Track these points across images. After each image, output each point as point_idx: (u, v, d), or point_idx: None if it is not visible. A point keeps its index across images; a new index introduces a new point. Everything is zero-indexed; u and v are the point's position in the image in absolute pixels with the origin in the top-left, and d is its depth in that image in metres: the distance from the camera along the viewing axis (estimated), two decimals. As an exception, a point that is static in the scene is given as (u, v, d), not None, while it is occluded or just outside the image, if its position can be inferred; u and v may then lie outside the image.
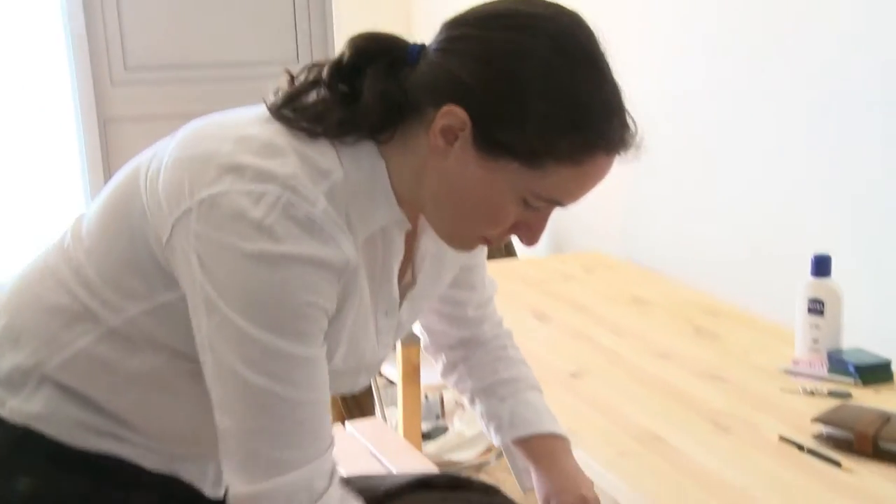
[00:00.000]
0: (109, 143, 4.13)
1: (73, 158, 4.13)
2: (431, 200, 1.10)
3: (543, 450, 1.44)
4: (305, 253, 1.01)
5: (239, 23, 4.20)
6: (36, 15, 4.08)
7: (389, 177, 1.10)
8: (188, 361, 1.12)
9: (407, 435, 2.79)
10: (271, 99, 1.11)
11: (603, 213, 3.02)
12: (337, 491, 1.10)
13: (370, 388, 3.22)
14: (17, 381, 1.16)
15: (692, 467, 1.54)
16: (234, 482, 1.06)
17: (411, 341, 2.60)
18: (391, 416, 3.34)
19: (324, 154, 1.06)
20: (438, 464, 2.82)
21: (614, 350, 2.09)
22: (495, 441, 1.48)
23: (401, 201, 1.12)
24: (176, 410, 1.17)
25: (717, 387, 1.86)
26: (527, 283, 2.64)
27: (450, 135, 1.04)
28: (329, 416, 1.10)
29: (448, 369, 1.53)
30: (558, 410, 1.78)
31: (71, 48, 4.00)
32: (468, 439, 3.56)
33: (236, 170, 1.02)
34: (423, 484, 2.04)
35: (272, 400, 1.03)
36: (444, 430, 3.64)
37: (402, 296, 1.25)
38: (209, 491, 1.28)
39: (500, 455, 3.36)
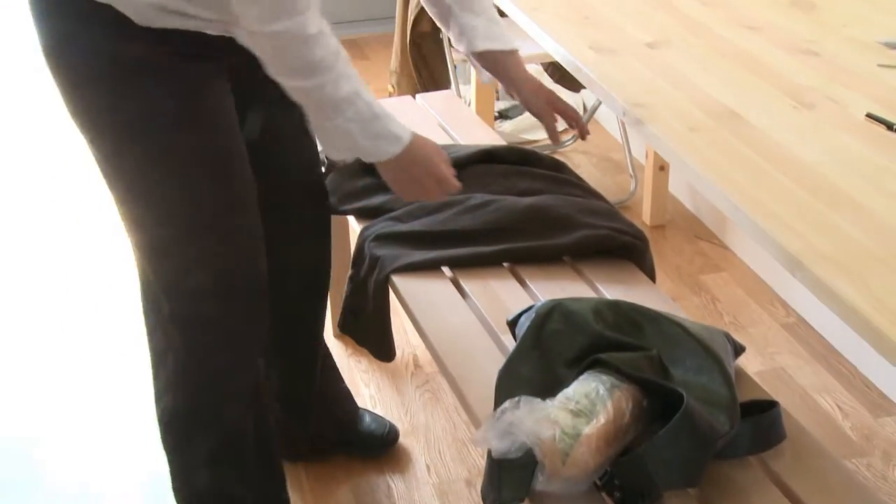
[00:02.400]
0: None
1: None
2: None
3: (512, 63, 1.71)
4: None
5: None
6: None
7: None
8: None
9: (479, 111, 2.72)
10: None
11: None
12: (319, 17, 1.37)
13: (445, 61, 3.11)
14: None
15: (767, 145, 1.44)
16: (249, 21, 1.32)
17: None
18: (466, 93, 3.25)
19: None
20: (512, 143, 2.76)
21: (699, 20, 1.92)
22: (462, 48, 1.71)
23: None
24: None
25: (806, 61, 1.71)
26: (612, -53, 2.42)
27: None
28: None
29: None
30: (631, 82, 1.68)
31: None
32: (545, 118, 3.47)
33: None
34: (489, 156, 1.99)
35: None
36: (520, 109, 3.55)
37: None
38: None
39: (574, 137, 3.28)
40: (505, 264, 1.73)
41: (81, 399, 2.23)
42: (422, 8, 3.04)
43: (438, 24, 1.76)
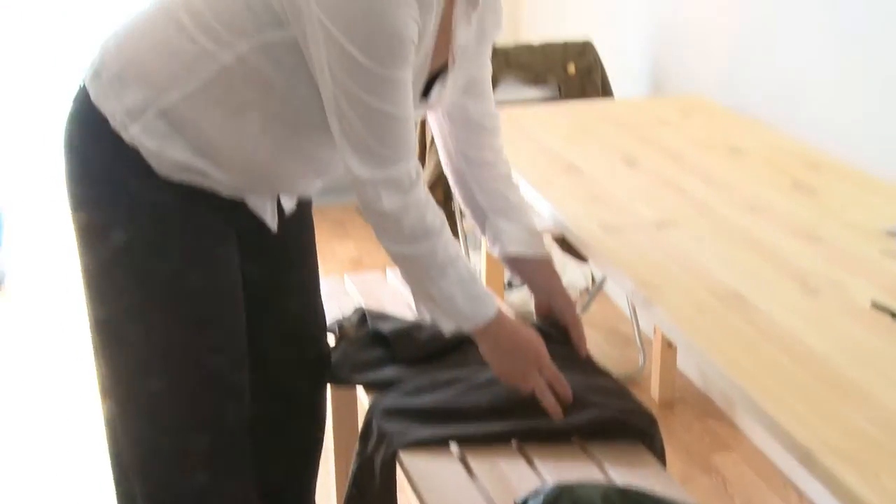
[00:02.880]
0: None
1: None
2: None
3: (543, 271, 1.78)
4: None
5: None
6: None
7: None
8: (281, 103, 1.44)
9: (489, 281, 2.75)
10: None
11: (707, 56, 2.83)
12: (424, 186, 1.48)
13: (456, 230, 3.17)
14: (139, 109, 1.45)
15: (774, 330, 1.45)
16: (356, 170, 1.42)
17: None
18: (475, 261, 3.29)
19: None
20: (521, 314, 2.78)
21: (704, 201, 1.97)
22: (496, 252, 1.77)
23: None
24: (258, 147, 1.48)
25: (809, 246, 1.74)
26: (620, 125, 2.51)
27: None
28: (414, 128, 1.45)
29: (457, 181, 1.79)
30: (639, 261, 1.71)
31: None
32: (555, 287, 3.49)
33: None
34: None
35: (380, 115, 1.39)
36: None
37: (438, 77, 1.55)
38: (269, 221, 1.61)
39: (584, 308, 3.31)
40: (513, 442, 1.71)
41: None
42: (435, 179, 3.13)
43: (475, 226, 1.82)
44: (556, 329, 1.84)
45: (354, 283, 2.35)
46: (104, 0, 4.29)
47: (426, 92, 1.57)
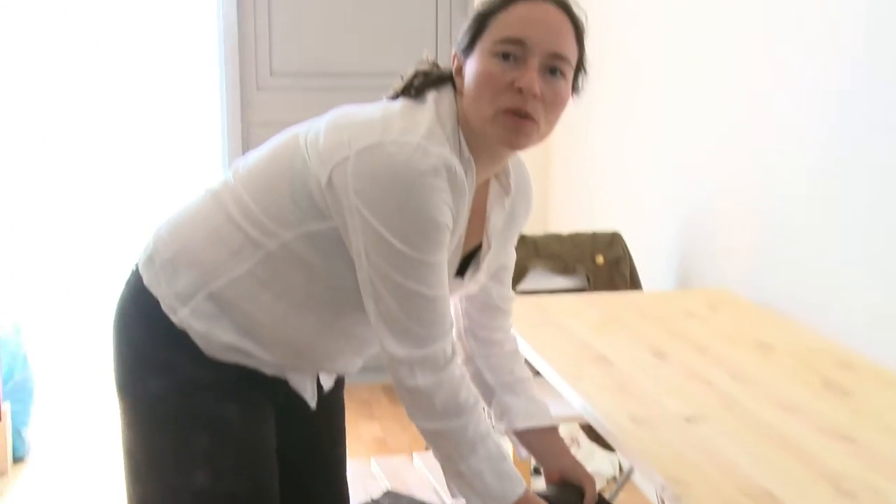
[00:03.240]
0: (251, 146, 4.21)
1: (215, 159, 4.26)
2: (467, 106, 1.49)
3: (551, 440, 1.79)
4: (440, 180, 1.42)
5: (382, 33, 4.23)
6: (191, 21, 4.34)
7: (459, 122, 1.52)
8: (323, 286, 1.51)
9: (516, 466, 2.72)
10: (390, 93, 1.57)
11: (733, 250, 2.88)
12: (459, 363, 1.51)
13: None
14: (189, 293, 1.52)
15: (808, 534, 1.42)
16: (391, 349, 1.46)
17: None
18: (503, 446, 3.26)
19: (442, 125, 1.48)
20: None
21: (733, 396, 1.97)
22: (502, 428, 1.79)
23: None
24: (302, 327, 1.54)
25: (843, 447, 1.72)
26: (648, 317, 2.54)
27: (457, 65, 1.54)
28: (449, 308, 1.51)
29: (466, 360, 1.81)
30: (668, 455, 1.69)
31: (222, 53, 4.13)
32: (580, 475, 3.43)
33: (384, 131, 1.43)
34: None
35: (417, 298, 1.44)
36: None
37: (472, 259, 1.63)
38: (308, 398, 1.66)
39: (612, 497, 3.25)
40: None
41: None
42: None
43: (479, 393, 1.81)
44: (571, 491, 1.80)
45: (381, 466, 2.34)
46: (156, 189, 4.53)
47: (461, 271, 1.61)
